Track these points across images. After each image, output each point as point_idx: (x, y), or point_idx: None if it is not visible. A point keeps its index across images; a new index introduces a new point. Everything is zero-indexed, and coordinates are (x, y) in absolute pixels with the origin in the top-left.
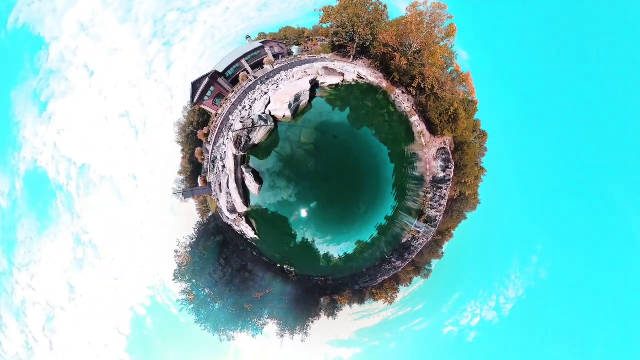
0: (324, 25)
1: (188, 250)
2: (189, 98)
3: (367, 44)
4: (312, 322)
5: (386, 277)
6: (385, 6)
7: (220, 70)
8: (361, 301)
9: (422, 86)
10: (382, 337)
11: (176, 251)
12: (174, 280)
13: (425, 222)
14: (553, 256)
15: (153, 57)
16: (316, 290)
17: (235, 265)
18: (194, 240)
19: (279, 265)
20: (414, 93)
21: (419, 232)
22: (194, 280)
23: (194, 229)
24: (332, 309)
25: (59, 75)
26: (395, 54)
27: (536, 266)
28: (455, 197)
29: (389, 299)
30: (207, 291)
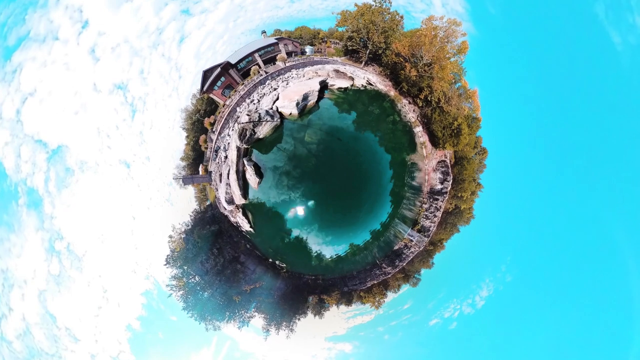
0: (340, 29)
1: (182, 236)
2: (197, 84)
3: (380, 51)
4: (299, 319)
5: (375, 282)
6: (402, 17)
7: (233, 62)
8: (349, 303)
9: (429, 98)
10: (376, 331)
11: (170, 236)
12: (165, 265)
13: (419, 231)
14: (517, 265)
15: (165, 25)
16: (305, 288)
17: (227, 256)
18: (190, 227)
19: (270, 260)
20: (420, 104)
21: (411, 240)
22: (185, 267)
23: (191, 216)
24: (320, 308)
25: (42, 11)
26: (406, 64)
27: (504, 272)
28: (450, 210)
29: (377, 303)
30: (197, 279)
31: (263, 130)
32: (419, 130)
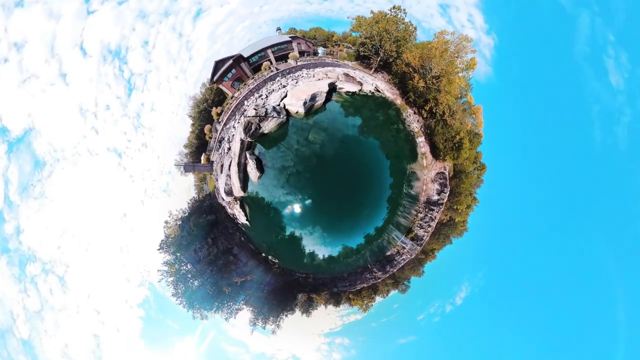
0: (354, 34)
1: (178, 223)
2: (207, 70)
3: (390, 60)
4: (286, 315)
5: (365, 285)
6: (415, 28)
7: (246, 55)
8: (337, 304)
9: (434, 110)
10: (369, 326)
11: (166, 222)
12: (158, 250)
13: (412, 239)
14: (491, 273)
15: None
16: (295, 286)
17: (221, 247)
18: (186, 214)
19: (263, 255)
20: (425, 115)
21: (404, 247)
22: (178, 254)
23: (188, 203)
24: (308, 307)
25: None
26: (415, 75)
27: (480, 278)
28: (444, 221)
29: (364, 306)
30: (189, 267)
31: (268, 126)
32: (421, 140)
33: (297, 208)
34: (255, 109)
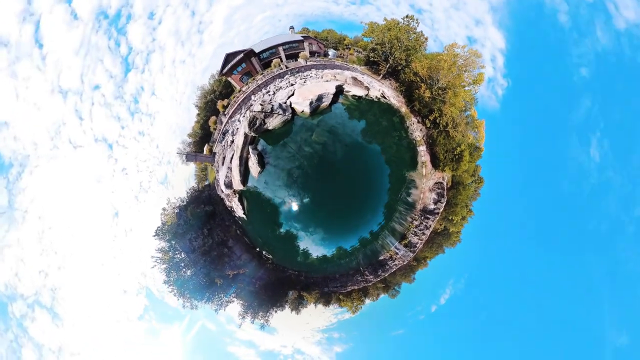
0: (365, 39)
1: (176, 211)
2: (218, 58)
3: (399, 67)
4: (276, 311)
5: (355, 287)
6: (426, 38)
7: (257, 51)
8: (327, 303)
9: (438, 121)
10: (362, 321)
11: (164, 209)
12: (154, 236)
13: (406, 246)
14: (471, 280)
15: None
16: (287, 283)
17: (216, 238)
18: (184, 203)
19: (258, 250)
20: (428, 125)
21: (397, 253)
22: (173, 242)
23: (187, 192)
24: (297, 304)
25: None
26: (422, 84)
27: (461, 283)
28: (439, 231)
29: (354, 308)
30: (182, 255)
31: (273, 122)
32: (422, 149)
33: (295, 206)
34: (261, 105)
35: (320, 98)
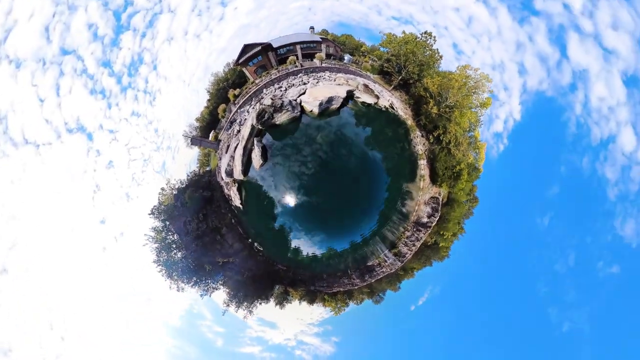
0: (382, 49)
1: (174, 193)
2: (237, 40)
3: (411, 81)
4: (260, 303)
5: (341, 289)
6: (441, 56)
7: (275, 46)
8: (311, 302)
9: (441, 138)
10: (355, 316)
11: (162, 189)
12: (149, 215)
13: (395, 255)
14: (445, 287)
15: None
16: (275, 277)
17: (210, 224)
18: (184, 185)
19: (250, 241)
20: (432, 140)
21: (386, 261)
22: (168, 223)
23: (188, 175)
24: (282, 299)
25: None
26: (431, 100)
27: (438, 287)
28: (429, 244)
29: (337, 309)
30: (175, 237)
31: (281, 118)
32: (422, 163)
33: (291, 201)
34: (272, 99)
35: (330, 100)
